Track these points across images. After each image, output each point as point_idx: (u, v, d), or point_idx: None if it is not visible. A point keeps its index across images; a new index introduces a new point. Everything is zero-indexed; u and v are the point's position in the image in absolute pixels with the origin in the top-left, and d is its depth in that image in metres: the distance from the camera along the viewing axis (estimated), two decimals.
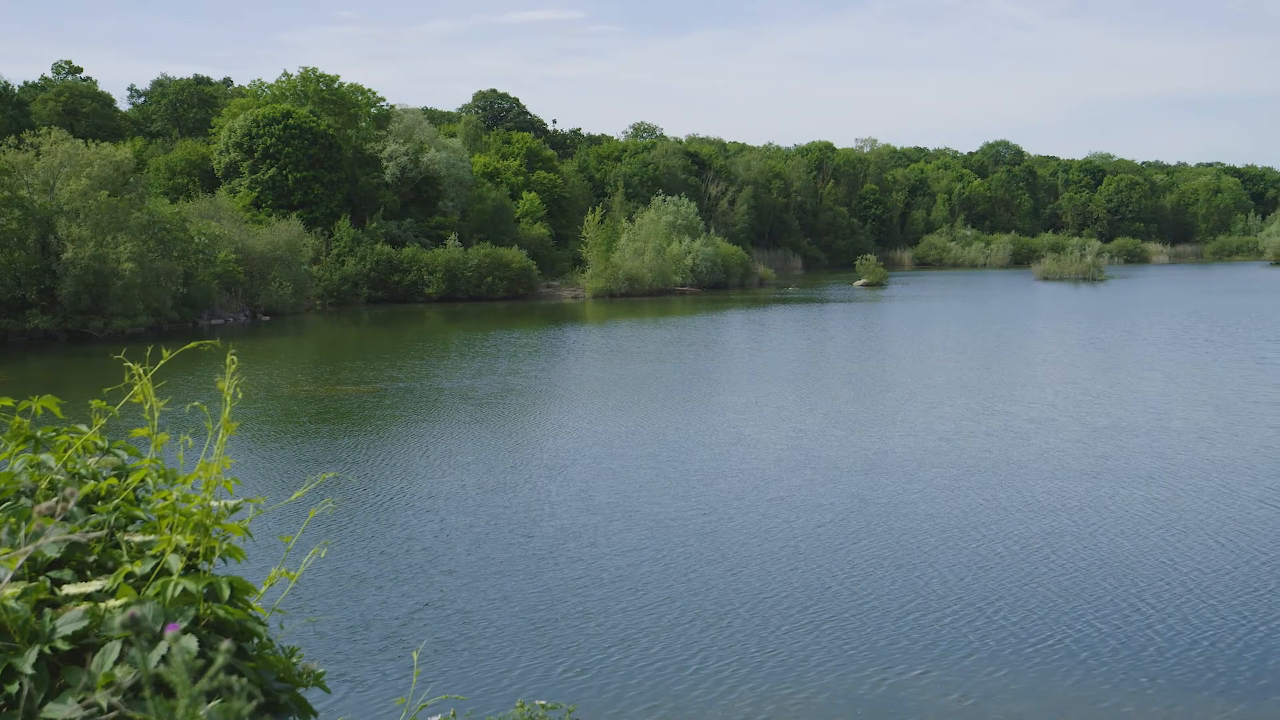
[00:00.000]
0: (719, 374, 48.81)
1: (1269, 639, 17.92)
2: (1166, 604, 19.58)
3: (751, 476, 28.79)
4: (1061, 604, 19.58)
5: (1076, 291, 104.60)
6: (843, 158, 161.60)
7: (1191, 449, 31.91)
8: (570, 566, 21.65)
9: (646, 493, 27.12)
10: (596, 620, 18.79)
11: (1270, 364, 50.63)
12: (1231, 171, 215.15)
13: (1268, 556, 22.25)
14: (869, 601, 19.72)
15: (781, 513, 25.34)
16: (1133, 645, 17.72)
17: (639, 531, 23.91)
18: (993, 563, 21.91)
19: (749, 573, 21.26)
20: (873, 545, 22.95)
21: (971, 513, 25.35)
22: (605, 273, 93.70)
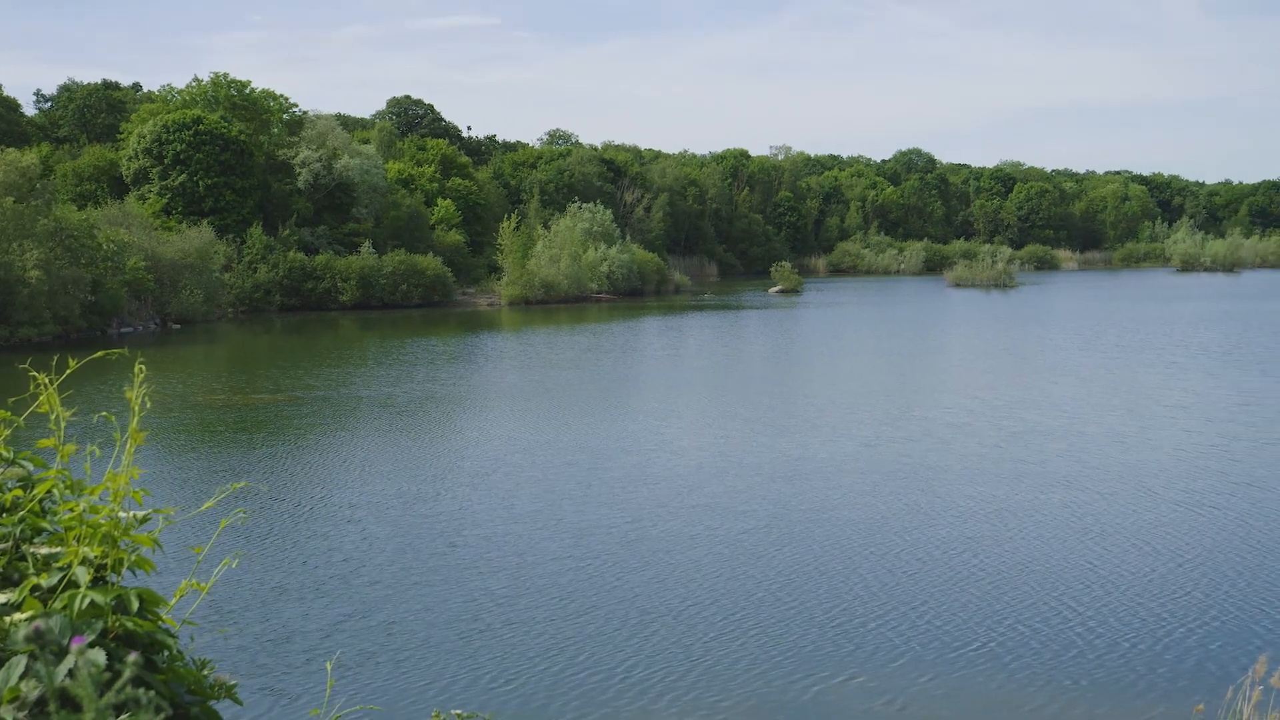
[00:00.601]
0: (638, 381, 48.66)
1: (1186, 639, 18.07)
2: (1087, 607, 19.69)
3: (674, 483, 28.62)
4: (985, 608, 19.61)
5: (988, 298, 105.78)
6: (757, 165, 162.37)
7: (1108, 453, 32.23)
8: (495, 576, 21.35)
9: (570, 500, 26.86)
10: (522, 630, 18.51)
11: (1180, 369, 51.37)
12: (1139, 180, 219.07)
13: (1184, 559, 22.45)
14: (795, 608, 19.61)
15: (705, 519, 25.19)
16: (1055, 648, 17.80)
17: (563, 540, 23.66)
18: (916, 568, 21.91)
19: (674, 580, 21.08)
20: (797, 551, 22.86)
21: (894, 518, 25.35)
22: (521, 280, 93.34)
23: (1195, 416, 38.20)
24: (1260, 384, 45.86)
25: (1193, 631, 18.47)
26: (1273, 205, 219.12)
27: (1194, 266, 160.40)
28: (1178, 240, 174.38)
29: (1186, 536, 23.93)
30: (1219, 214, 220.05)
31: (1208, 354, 56.85)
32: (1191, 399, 42.08)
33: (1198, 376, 48.49)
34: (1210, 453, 32.21)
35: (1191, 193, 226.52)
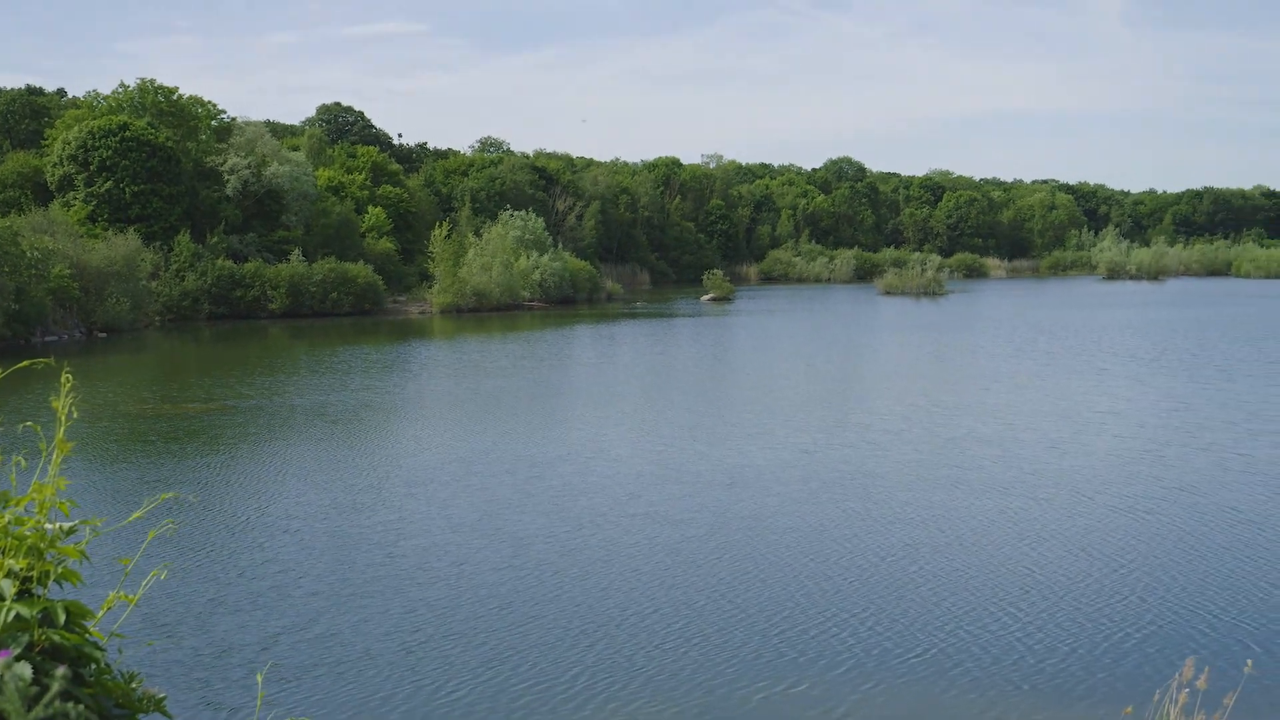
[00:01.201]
0: (574, 389, 48.45)
1: (1118, 643, 18.23)
2: (1022, 612, 19.82)
3: (613, 491, 28.49)
4: (923, 614, 19.66)
5: (918, 305, 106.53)
6: (689, 173, 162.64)
7: (1043, 459, 32.46)
8: (434, 586, 21.10)
9: (509, 509, 26.63)
10: (462, 641, 18.31)
11: (1110, 375, 51.92)
12: (1065, 189, 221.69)
13: (1118, 563, 22.66)
14: (736, 616, 19.55)
15: (645, 528, 25.07)
16: (991, 653, 17.90)
17: (503, 549, 23.45)
18: (857, 575, 21.93)
19: (615, 589, 20.95)
20: (738, 560, 22.82)
21: (834, 525, 25.36)
22: (452, 288, 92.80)
23: (1127, 422, 38.58)
24: (1188, 390, 46.39)
25: (1125, 635, 18.66)
26: (1196, 214, 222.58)
27: (1119, 274, 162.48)
28: (1104, 249, 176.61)
29: (1120, 541, 24.14)
30: (1144, 223, 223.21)
31: (1136, 361, 57.50)
32: (1123, 405, 42.51)
33: (1127, 383, 49.03)
34: (1143, 458, 32.53)
35: (1117, 202, 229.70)
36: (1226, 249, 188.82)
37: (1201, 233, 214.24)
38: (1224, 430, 36.68)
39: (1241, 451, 33.24)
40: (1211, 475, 30.18)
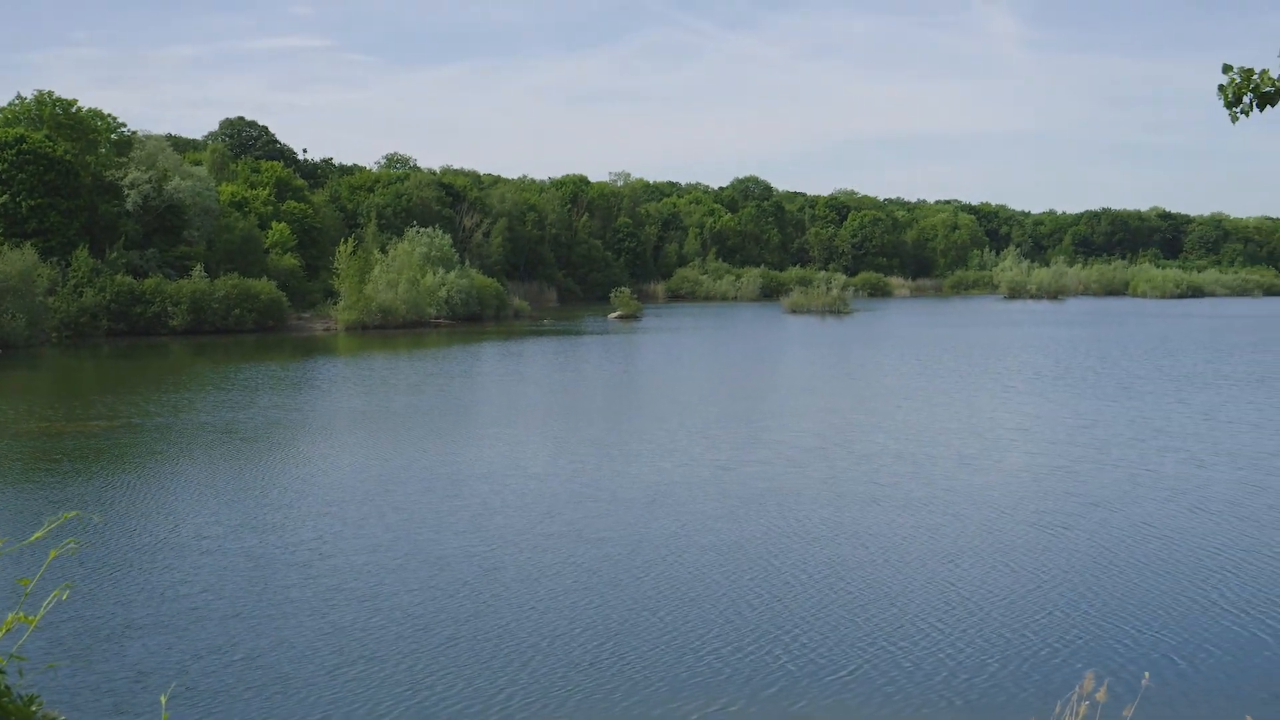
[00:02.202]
0: (486, 406, 48.10)
1: (1028, 656, 18.47)
2: (933, 627, 20.01)
3: (531, 510, 28.27)
4: (843, 631, 19.74)
5: (824, 324, 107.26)
6: (597, 191, 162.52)
7: (957, 475, 32.76)
8: (354, 608, 20.73)
9: (427, 529, 26.28)
10: (383, 663, 18.02)
11: (1017, 393, 52.59)
12: (968, 209, 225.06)
13: (1031, 578, 22.99)
14: (663, 636, 19.46)
15: (565, 547, 24.89)
16: (902, 667, 18.07)
17: (422, 570, 23.12)
18: (779, 593, 21.99)
19: (538, 610, 20.76)
20: (659, 579, 22.74)
21: (755, 542, 25.37)
22: (358, 305, 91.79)
23: (1037, 439, 39.05)
24: (1094, 407, 47.05)
25: (1030, 648, 18.94)
26: (1094, 235, 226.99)
27: (1020, 294, 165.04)
28: (1005, 268, 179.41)
29: (1032, 556, 24.47)
30: (1044, 243, 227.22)
31: (1041, 378, 58.29)
32: (1031, 422, 43.00)
33: (1034, 400, 49.64)
34: (1055, 474, 32.96)
35: (1018, 222, 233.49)
36: (1124, 269, 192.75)
37: (1100, 253, 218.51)
38: (1132, 447, 37.26)
39: (1150, 468, 33.76)
40: (1123, 491, 30.64)
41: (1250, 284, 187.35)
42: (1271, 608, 20.68)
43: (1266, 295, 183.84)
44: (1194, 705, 16.74)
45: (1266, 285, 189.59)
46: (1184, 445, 37.58)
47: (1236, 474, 32.85)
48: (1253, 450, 36.72)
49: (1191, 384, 55.56)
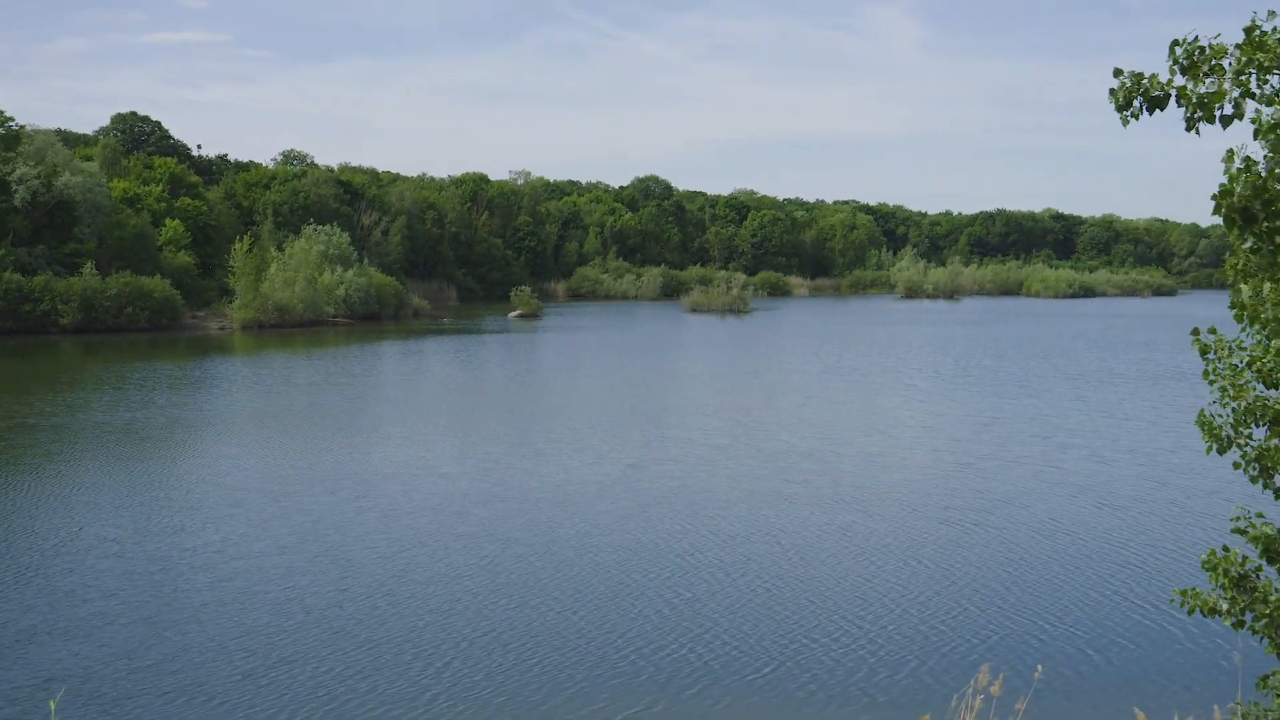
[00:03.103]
0: (390, 405, 47.53)
1: (928, 651, 18.73)
2: (839, 623, 20.24)
3: (442, 510, 28.01)
4: (761, 631, 19.82)
5: (724, 323, 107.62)
6: (497, 189, 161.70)
7: (866, 472, 33.07)
8: (264, 611, 20.38)
9: (335, 530, 25.93)
10: (296, 667, 17.72)
11: (919, 391, 53.12)
12: (865, 209, 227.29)
13: (934, 573, 23.32)
14: (580, 637, 19.42)
15: (478, 547, 24.73)
16: (807, 663, 18.30)
17: (332, 571, 22.82)
18: (695, 592, 22.05)
19: (453, 612, 20.60)
20: (575, 579, 22.68)
21: (667, 541, 25.43)
22: (254, 303, 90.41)
23: (941, 436, 39.48)
24: (994, 404, 47.68)
25: (930, 643, 19.26)
26: (989, 236, 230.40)
27: (917, 293, 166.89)
28: (902, 268, 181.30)
29: (940, 553, 24.80)
30: (940, 243, 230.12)
31: (941, 377, 58.93)
32: (934, 420, 43.46)
33: (936, 398, 50.16)
34: (961, 471, 33.39)
35: (915, 222, 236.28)
36: (1018, 269, 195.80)
37: (994, 253, 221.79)
38: (1034, 444, 37.83)
39: (1054, 464, 34.29)
40: (1028, 488, 31.14)
41: (1140, 284, 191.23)
42: (1166, 601, 21.02)
43: (1156, 295, 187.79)
44: (1086, 697, 17.02)
45: (1156, 285, 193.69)
46: (1085, 442, 38.22)
47: (1138, 470, 33.48)
48: (1151, 447, 37.43)
49: (1087, 382, 56.53)
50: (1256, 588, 8.54)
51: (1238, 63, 7.07)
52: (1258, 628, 8.49)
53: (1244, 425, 8.76)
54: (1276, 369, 8.37)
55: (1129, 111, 7.49)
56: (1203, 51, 7.21)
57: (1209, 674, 17.98)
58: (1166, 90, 7.30)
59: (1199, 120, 7.19)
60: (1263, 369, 8.52)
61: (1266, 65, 6.96)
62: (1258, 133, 7.03)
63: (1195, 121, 7.20)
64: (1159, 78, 7.34)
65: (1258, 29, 7.04)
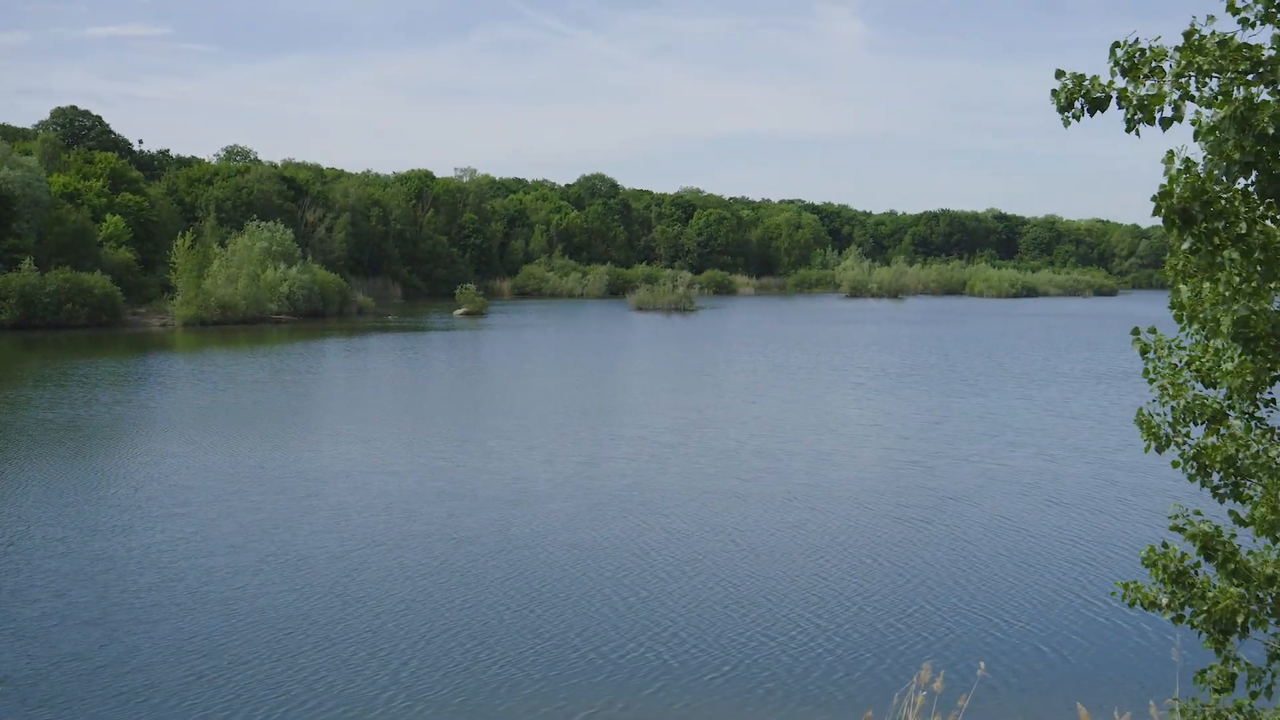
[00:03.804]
0: (338, 403, 47.19)
1: (873, 647, 18.83)
2: (786, 620, 20.32)
3: (393, 509, 27.81)
4: (714, 630, 19.87)
5: (669, 321, 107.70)
6: (442, 187, 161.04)
7: (816, 471, 33.23)
8: (217, 611, 20.15)
9: (286, 529, 25.70)
10: (249, 669, 17.51)
11: (867, 389, 53.41)
12: (811, 208, 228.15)
13: (896, 572, 23.44)
14: (534, 636, 19.37)
15: (431, 547, 24.61)
16: (754, 659, 18.36)
17: (285, 571, 22.61)
18: (649, 591, 22.03)
19: (407, 612, 20.46)
20: (530, 578, 22.60)
21: (620, 540, 25.43)
22: (196, 300, 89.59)
23: (891, 435, 39.74)
24: (942, 403, 48.03)
25: (875, 640, 19.40)
26: (933, 235, 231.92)
27: (862, 292, 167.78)
28: (847, 267, 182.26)
29: (891, 550, 24.97)
30: (885, 243, 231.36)
31: (888, 375, 59.29)
32: (883, 418, 43.74)
33: (884, 397, 50.46)
34: (912, 469, 33.65)
35: (860, 222, 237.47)
36: (961, 269, 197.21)
37: (938, 253, 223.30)
38: (982, 442, 38.16)
39: (1002, 462, 34.60)
40: (978, 485, 31.40)
41: (1082, 284, 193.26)
42: (1110, 598, 21.25)
43: (1097, 295, 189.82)
44: (1028, 693, 17.17)
45: (1097, 285, 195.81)
46: (1033, 440, 38.60)
47: (1086, 468, 33.84)
48: (1098, 445, 37.83)
49: (1032, 381, 57.04)
50: (1194, 584, 8.64)
51: (1177, 65, 7.15)
52: (1196, 623, 8.60)
53: (1182, 424, 8.88)
54: (1215, 368, 8.49)
55: (1070, 113, 7.57)
56: (1143, 54, 7.29)
57: (1150, 669, 18.18)
58: (1107, 92, 7.38)
59: (1139, 122, 7.26)
60: (1201, 368, 8.64)
61: (1205, 68, 7.05)
62: (1197, 135, 7.11)
63: (1135, 123, 7.28)
64: (1100, 80, 7.42)
65: (1197, 33, 7.12)
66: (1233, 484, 8.72)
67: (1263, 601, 8.54)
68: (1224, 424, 8.76)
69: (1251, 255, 7.46)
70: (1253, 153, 6.86)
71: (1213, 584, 8.63)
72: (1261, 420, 8.75)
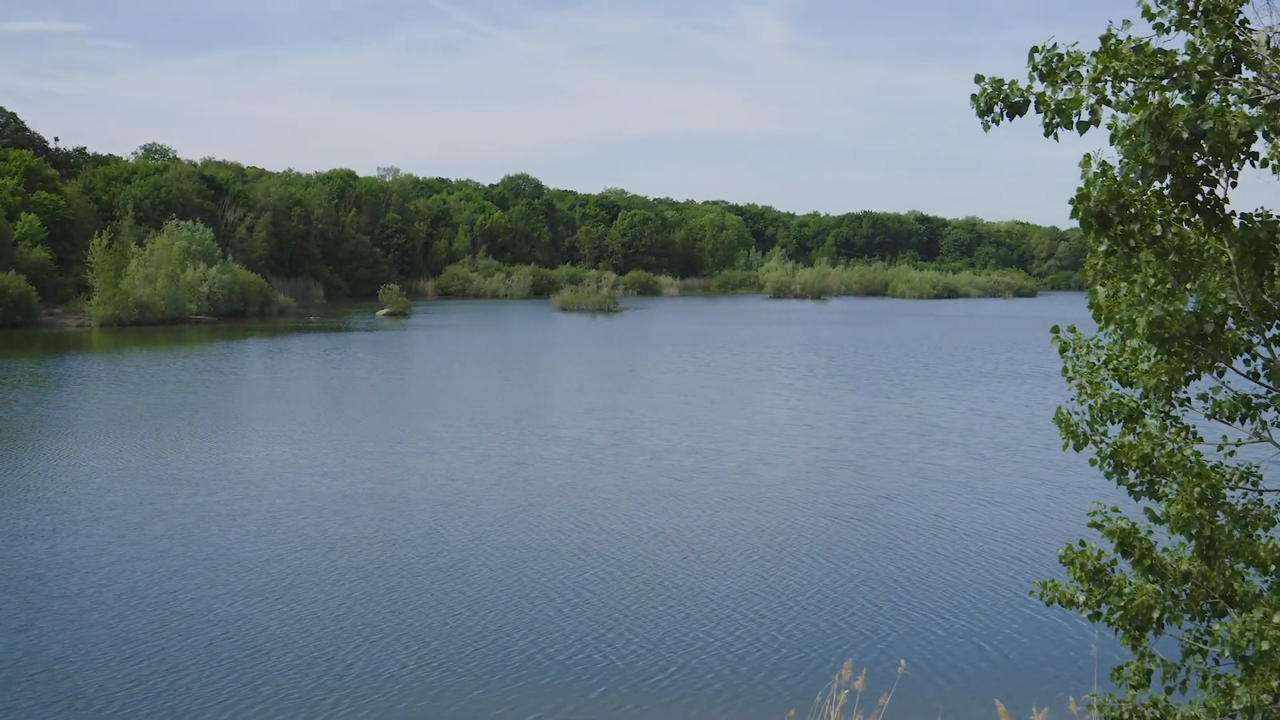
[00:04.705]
0: (264, 404, 46.60)
1: (797, 646, 19.06)
2: (711, 620, 20.48)
3: (326, 512, 27.59)
4: (652, 628, 20.03)
5: (595, 322, 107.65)
6: (365, 186, 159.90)
7: (751, 471, 33.45)
8: (146, 618, 19.89)
9: (216, 532, 25.42)
10: (183, 675, 17.32)
11: (794, 389, 53.71)
12: (735, 210, 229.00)
13: (828, 572, 23.65)
14: (475, 640, 19.37)
15: (365, 549, 24.47)
16: (681, 660, 18.45)
17: (217, 577, 22.37)
18: (591, 594, 22.07)
19: (343, 617, 20.34)
20: (467, 580, 22.55)
21: (557, 541, 25.43)
22: (114, 300, 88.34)
23: (822, 435, 40.02)
24: (870, 403, 48.43)
25: (799, 638, 19.62)
26: (856, 237, 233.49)
27: (785, 293, 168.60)
28: (770, 268, 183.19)
29: (816, 550, 25.19)
30: (808, 244, 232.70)
31: (815, 376, 59.65)
32: (813, 418, 44.01)
33: (812, 397, 50.76)
34: (845, 469, 33.97)
35: (783, 223, 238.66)
36: (883, 270, 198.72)
37: (861, 254, 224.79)
38: (913, 441, 38.56)
39: (935, 462, 34.98)
40: (911, 484, 31.76)
41: (1002, 285, 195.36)
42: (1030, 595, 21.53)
43: (1016, 296, 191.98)
44: (948, 690, 17.38)
45: (1016, 287, 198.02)
46: (962, 440, 39.07)
47: (1015, 467, 34.31)
48: (1026, 445, 38.33)
49: (957, 381, 57.63)
50: (1111, 581, 8.77)
51: (1094, 70, 7.26)
52: (1113, 620, 8.73)
53: (1099, 423, 9.02)
54: (1131, 368, 8.63)
55: (990, 116, 7.67)
56: (1061, 59, 7.40)
57: (1068, 666, 18.46)
58: (1026, 96, 7.49)
59: (1057, 126, 7.38)
60: (1119, 367, 8.78)
61: (1121, 73, 7.16)
62: (1114, 138, 7.23)
63: (1054, 127, 7.39)
64: (1019, 84, 7.53)
65: (1113, 38, 7.23)
66: (1149, 482, 8.86)
67: (1177, 598, 8.69)
68: (1140, 422, 8.90)
69: (1166, 257, 7.61)
70: (1167, 156, 6.98)
71: (1129, 581, 8.77)
72: (1176, 419, 8.91)
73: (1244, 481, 8.82)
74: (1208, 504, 8.46)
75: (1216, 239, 7.85)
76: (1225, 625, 7.82)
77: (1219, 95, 7.13)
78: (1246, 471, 8.86)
